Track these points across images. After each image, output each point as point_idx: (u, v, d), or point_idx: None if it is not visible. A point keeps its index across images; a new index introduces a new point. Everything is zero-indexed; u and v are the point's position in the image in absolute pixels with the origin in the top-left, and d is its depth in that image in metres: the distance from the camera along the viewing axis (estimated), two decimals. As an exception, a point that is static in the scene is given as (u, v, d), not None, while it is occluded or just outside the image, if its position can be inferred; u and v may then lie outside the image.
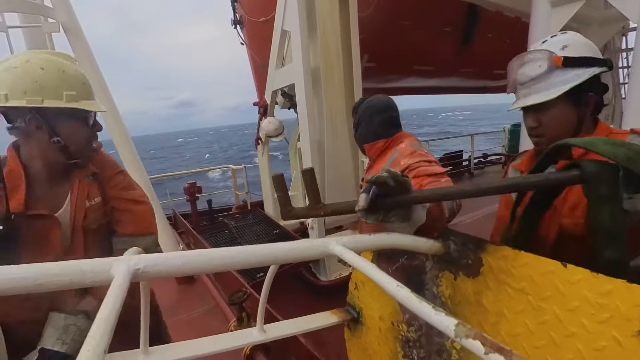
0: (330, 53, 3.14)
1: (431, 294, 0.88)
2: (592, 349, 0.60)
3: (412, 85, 7.69)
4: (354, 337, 1.09)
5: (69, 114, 1.14)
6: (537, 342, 0.68)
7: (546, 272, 0.68)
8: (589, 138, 0.89)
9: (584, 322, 0.61)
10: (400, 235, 0.83)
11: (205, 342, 0.81)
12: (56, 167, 1.22)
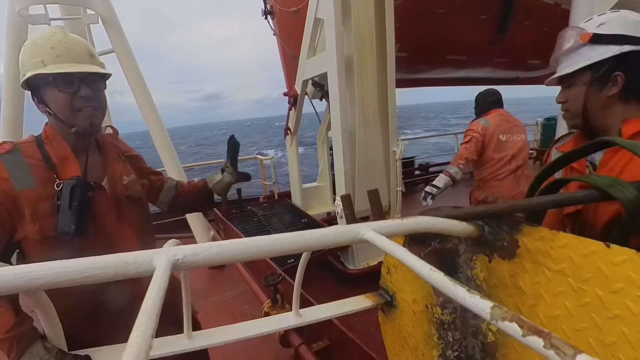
0: (364, 41, 3.11)
1: (465, 277, 0.88)
2: (638, 331, 0.59)
3: (443, 77, 7.51)
4: (388, 320, 1.11)
5: (44, 82, 1.13)
6: (578, 324, 0.67)
7: (587, 253, 0.66)
8: (633, 141, 0.90)
9: (629, 304, 0.60)
10: (432, 218, 0.82)
11: (245, 326, 0.85)
12: (75, 138, 1.23)
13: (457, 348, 0.90)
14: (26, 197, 1.07)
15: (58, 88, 1.12)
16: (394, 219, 0.80)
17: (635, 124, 1.19)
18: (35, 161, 1.13)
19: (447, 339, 0.92)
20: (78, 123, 1.17)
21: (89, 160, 1.25)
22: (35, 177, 1.10)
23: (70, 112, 1.15)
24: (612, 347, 0.62)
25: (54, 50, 1.10)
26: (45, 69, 1.08)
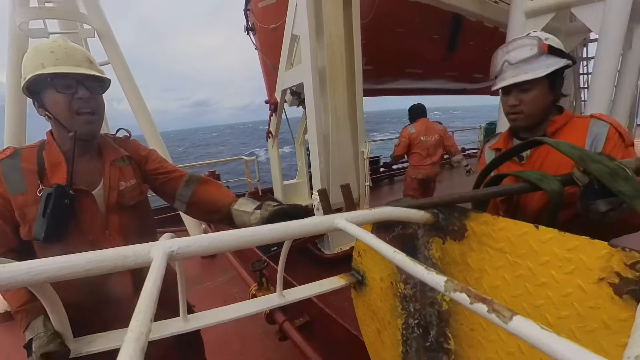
0: (335, 55, 3.11)
1: (423, 257, 0.89)
2: (560, 295, 0.62)
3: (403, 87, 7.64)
4: (359, 296, 1.11)
5: (42, 84, 1.01)
6: (514, 292, 0.70)
7: (521, 234, 0.69)
8: (557, 140, 0.97)
9: (553, 273, 0.63)
10: (395, 208, 0.84)
11: (235, 307, 0.84)
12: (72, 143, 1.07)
13: (418, 316, 0.91)
14: (16, 201, 1.00)
15: (56, 89, 1.01)
16: (363, 210, 0.80)
17: (556, 124, 1.25)
18: (30, 166, 1.03)
19: (409, 309, 0.93)
20: (77, 127, 1.05)
21: (87, 165, 1.13)
22: (27, 183, 1.01)
23: (69, 114, 1.03)
24: (540, 309, 0.65)
25: (54, 54, 1.00)
26: (44, 70, 0.98)
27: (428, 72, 6.75)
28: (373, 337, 1.09)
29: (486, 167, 1.19)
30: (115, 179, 1.15)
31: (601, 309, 0.57)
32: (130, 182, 1.19)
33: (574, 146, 0.91)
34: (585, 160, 0.83)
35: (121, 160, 1.19)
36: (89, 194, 1.09)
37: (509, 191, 1.00)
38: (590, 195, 0.84)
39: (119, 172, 1.17)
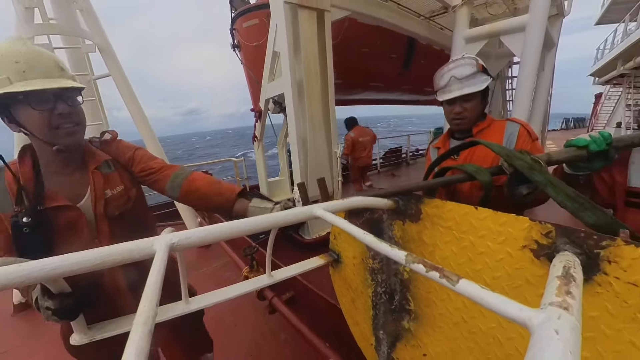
0: (311, 70, 3.08)
1: (388, 237, 0.91)
2: (494, 260, 0.65)
3: (368, 98, 7.72)
4: (336, 272, 1.12)
5: (13, 100, 0.79)
6: (459, 260, 0.73)
7: (464, 214, 0.71)
8: (491, 142, 1.01)
9: (489, 244, 0.66)
10: (363, 197, 0.85)
11: (230, 289, 0.82)
12: (55, 157, 0.91)
13: (384, 285, 0.93)
14: (7, 218, 0.84)
15: (32, 106, 0.80)
16: (337, 200, 0.80)
17: (480, 126, 1.33)
18: (12, 185, 0.86)
19: (377, 280, 0.95)
20: (59, 141, 0.87)
21: (72, 177, 0.96)
22: (12, 203, 0.85)
23: (48, 130, 0.84)
24: (479, 272, 0.68)
25: (19, 65, 0.77)
26: (12, 87, 0.76)
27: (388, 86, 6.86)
28: (348, 305, 1.10)
29: (434, 162, 1.24)
30: (100, 187, 0.98)
31: (524, 269, 0.60)
32: (117, 189, 1.02)
33: (502, 147, 0.96)
34: (511, 157, 0.87)
35: (105, 166, 1.02)
36: (72, 207, 0.92)
37: (454, 180, 1.04)
38: (514, 182, 0.90)
39: (104, 180, 0.99)
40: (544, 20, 3.47)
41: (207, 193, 1.10)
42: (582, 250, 0.52)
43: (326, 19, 3.13)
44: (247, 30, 4.87)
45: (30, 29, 2.67)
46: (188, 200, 1.13)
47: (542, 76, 4.06)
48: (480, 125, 1.33)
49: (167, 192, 1.10)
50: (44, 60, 0.83)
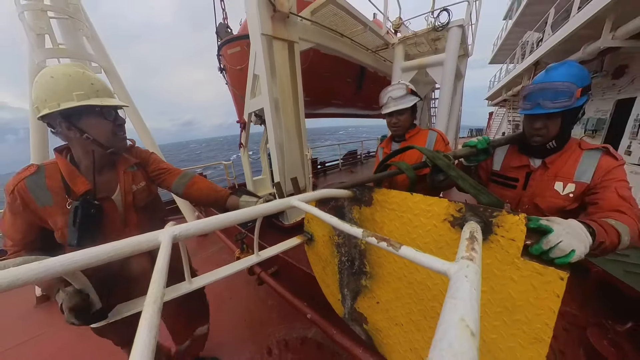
0: (285, 90, 3.01)
1: (348, 219, 0.91)
2: (425, 231, 0.68)
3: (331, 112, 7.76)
4: (310, 248, 1.12)
5: (87, 112, 0.80)
6: (401, 232, 0.75)
7: (403, 198, 0.73)
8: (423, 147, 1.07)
9: (421, 219, 0.69)
10: (329, 189, 0.85)
11: (225, 268, 0.79)
12: (100, 158, 0.89)
13: (347, 255, 0.94)
14: (47, 212, 0.80)
15: (104, 117, 0.83)
16: (309, 193, 0.80)
17: (410, 133, 1.44)
18: (54, 183, 0.82)
19: (341, 251, 0.96)
20: (116, 145, 0.89)
21: (107, 175, 0.92)
22: (53, 197, 0.81)
23: (111, 136, 0.86)
24: (415, 240, 0.71)
25: (94, 86, 0.81)
26: (90, 101, 0.78)
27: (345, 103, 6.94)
28: (320, 272, 1.10)
29: (382, 161, 1.27)
30: (128, 184, 0.96)
31: (445, 235, 0.64)
32: (140, 184, 1.00)
33: (430, 150, 1.02)
34: (435, 158, 0.94)
35: (131, 167, 1.00)
36: (110, 199, 0.91)
37: (393, 174, 1.08)
38: (435, 173, 0.97)
39: (131, 178, 0.98)
40: (455, 59, 3.70)
41: (206, 192, 1.10)
42: (482, 219, 0.57)
43: (296, 49, 3.07)
44: (232, 56, 4.66)
45: (42, 53, 2.38)
46: (189, 196, 1.10)
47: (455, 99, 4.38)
48: (411, 132, 1.43)
49: (173, 189, 1.09)
50: (105, 85, 0.86)
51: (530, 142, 0.96)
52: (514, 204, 1.04)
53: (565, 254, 0.51)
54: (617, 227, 0.67)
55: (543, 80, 0.88)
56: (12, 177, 0.80)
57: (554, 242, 0.52)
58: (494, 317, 0.57)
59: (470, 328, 0.23)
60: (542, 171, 0.97)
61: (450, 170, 0.88)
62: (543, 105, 0.86)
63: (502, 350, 0.57)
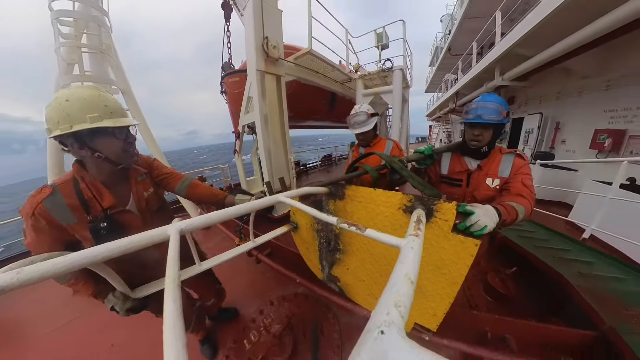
0: (273, 107, 2.94)
1: (326, 210, 0.90)
2: (384, 217, 0.70)
3: (311, 124, 7.74)
4: (296, 234, 1.09)
5: (99, 132, 0.70)
6: (367, 218, 0.75)
7: (368, 193, 0.74)
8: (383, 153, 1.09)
9: (382, 208, 0.70)
10: (310, 187, 0.84)
11: (228, 253, 0.76)
12: (113, 174, 0.79)
13: (325, 238, 0.93)
14: (72, 228, 0.71)
15: (116, 136, 0.73)
16: (293, 190, 0.79)
17: (373, 142, 1.46)
18: (72, 201, 0.71)
19: (320, 235, 0.95)
20: (126, 161, 0.79)
21: (122, 187, 0.84)
22: (75, 215, 0.71)
23: (121, 153, 0.76)
24: (377, 224, 0.72)
25: (108, 108, 0.71)
26: (102, 123, 0.68)
27: (322, 118, 6.96)
28: (305, 252, 1.10)
29: (351, 163, 1.29)
30: (141, 192, 0.88)
31: (399, 220, 0.66)
32: (149, 190, 0.91)
33: (387, 156, 1.05)
34: (391, 162, 0.98)
35: (141, 175, 0.91)
36: (125, 210, 0.82)
37: (360, 174, 1.11)
38: (392, 173, 1.01)
39: (142, 186, 0.89)
40: (400, 89, 3.93)
41: (205, 193, 1.04)
42: (426, 207, 0.61)
43: (282, 81, 3.08)
44: (232, 83, 4.63)
45: (69, 78, 2.24)
46: (191, 197, 1.04)
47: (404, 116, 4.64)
48: (374, 141, 1.48)
49: (177, 191, 1.02)
50: (118, 105, 0.76)
51: (469, 145, 0.98)
52: (460, 198, 1.06)
53: (481, 228, 0.59)
54: (517, 208, 0.76)
55: (483, 100, 0.93)
56: (27, 200, 0.69)
57: (474, 221, 0.59)
58: (428, 271, 0.62)
59: (411, 279, 0.27)
60: (478, 172, 1.01)
61: (403, 171, 0.92)
62: (482, 117, 0.91)
63: (429, 290, 0.64)
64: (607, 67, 3.16)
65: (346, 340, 1.19)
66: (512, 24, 3.49)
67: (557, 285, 1.02)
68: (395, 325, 0.21)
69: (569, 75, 3.89)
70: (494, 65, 4.31)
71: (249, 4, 2.52)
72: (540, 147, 4.59)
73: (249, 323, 1.40)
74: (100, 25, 2.42)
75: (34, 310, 1.81)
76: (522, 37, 3.01)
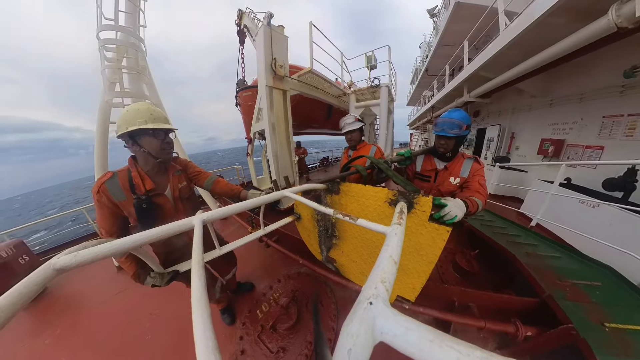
0: (279, 117, 2.92)
1: (324, 203, 0.90)
2: (372, 208, 0.70)
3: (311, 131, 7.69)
4: (299, 224, 1.09)
5: (144, 133, 0.79)
6: (358, 210, 0.74)
7: (360, 189, 0.74)
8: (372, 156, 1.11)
9: (371, 202, 0.70)
10: (310, 184, 0.84)
11: (242, 239, 0.76)
12: (155, 166, 0.86)
13: (323, 226, 0.92)
14: (122, 205, 0.79)
15: (155, 136, 0.81)
16: (296, 187, 0.79)
17: (360, 145, 1.46)
18: (125, 183, 0.80)
19: (320, 224, 0.94)
20: (163, 156, 0.85)
21: (161, 177, 0.90)
22: (125, 194, 0.79)
23: (160, 150, 0.83)
24: (367, 215, 0.71)
25: (152, 115, 0.80)
26: (148, 125, 0.78)
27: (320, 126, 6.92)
28: (307, 238, 1.09)
29: (345, 164, 1.28)
30: (175, 183, 0.93)
31: (385, 211, 0.66)
32: (183, 183, 0.96)
33: (374, 158, 1.07)
34: (378, 163, 0.98)
35: (177, 171, 0.96)
36: (163, 194, 0.89)
37: (352, 173, 1.10)
38: (379, 172, 1.01)
39: (177, 179, 0.95)
40: (386, 102, 3.92)
41: (225, 189, 1.09)
42: (407, 200, 0.61)
43: (287, 95, 3.07)
44: (245, 97, 4.64)
45: (112, 94, 2.31)
46: (214, 192, 1.08)
47: (389, 125, 4.65)
48: (360, 145, 1.48)
49: (204, 186, 1.07)
50: (161, 115, 0.84)
51: (437, 151, 1.05)
52: (428, 190, 1.12)
53: (452, 217, 0.60)
54: (477, 201, 0.81)
55: (448, 117, 0.98)
56: (96, 181, 0.80)
57: (447, 212, 0.60)
58: (409, 253, 0.63)
59: (394, 260, 0.28)
60: (444, 171, 1.07)
61: (388, 171, 0.94)
62: (446, 130, 0.97)
63: (409, 268, 0.64)
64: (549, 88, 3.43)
65: (341, 309, 1.21)
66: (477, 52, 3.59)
67: (510, 263, 1.07)
68: (381, 297, 0.21)
69: (521, 94, 4.11)
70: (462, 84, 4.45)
71: (260, 31, 2.58)
72: (499, 152, 4.81)
73: (260, 297, 1.41)
74: (137, 50, 2.54)
75: (87, 285, 1.86)
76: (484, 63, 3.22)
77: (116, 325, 1.35)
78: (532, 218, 2.06)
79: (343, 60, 4.30)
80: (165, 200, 0.89)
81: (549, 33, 2.06)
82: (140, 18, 2.64)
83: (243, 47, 4.69)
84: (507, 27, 2.52)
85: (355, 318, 0.19)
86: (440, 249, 0.57)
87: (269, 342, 1.09)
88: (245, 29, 3.98)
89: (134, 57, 2.52)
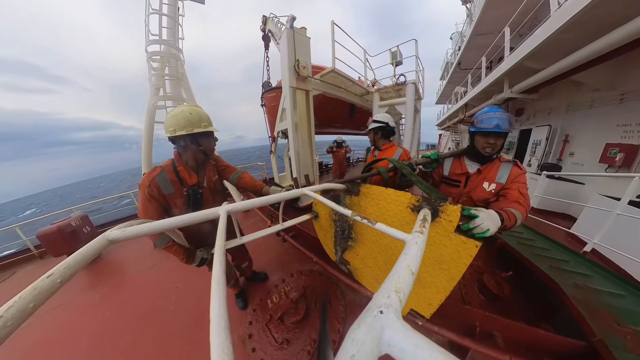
0: (302, 116, 3.00)
1: (343, 204, 0.89)
2: (393, 213, 0.67)
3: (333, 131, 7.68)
4: (317, 223, 1.10)
5: (204, 134, 0.89)
6: (378, 213, 0.73)
7: (381, 192, 0.72)
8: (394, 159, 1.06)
9: (392, 205, 0.68)
10: (330, 184, 0.84)
11: (261, 232, 0.79)
12: (198, 162, 0.97)
13: (340, 227, 0.92)
14: (170, 197, 0.88)
15: (212, 137, 0.94)
16: (316, 185, 0.79)
17: (384, 146, 1.38)
18: (173, 177, 0.89)
19: (337, 224, 0.94)
20: (212, 154, 0.99)
21: (200, 172, 1.00)
22: (174, 187, 0.89)
23: (212, 149, 0.95)
24: (387, 219, 0.69)
25: (209, 120, 0.90)
26: (210, 128, 0.89)
27: (343, 126, 6.85)
28: (323, 237, 1.10)
29: (366, 165, 1.25)
30: (210, 176, 1.03)
31: (407, 217, 0.63)
32: (216, 177, 1.06)
33: (398, 161, 1.01)
34: (402, 167, 0.93)
35: (212, 166, 1.06)
36: (203, 186, 0.99)
37: (373, 175, 1.07)
38: (401, 176, 0.96)
39: (212, 173, 1.04)
40: (413, 101, 3.67)
41: (250, 183, 1.15)
42: (432, 207, 0.57)
43: (310, 95, 3.12)
44: (269, 98, 4.89)
45: (157, 98, 2.80)
46: (239, 186, 1.15)
47: (415, 125, 4.31)
48: (385, 145, 1.40)
49: (231, 180, 1.14)
50: (210, 118, 0.91)
51: (482, 152, 0.90)
52: (457, 197, 1.02)
53: (483, 231, 0.54)
54: (516, 214, 0.70)
55: (499, 111, 0.85)
56: (145, 175, 0.88)
57: (477, 224, 0.54)
58: (429, 265, 0.59)
59: (412, 270, 0.27)
60: (477, 175, 0.95)
61: (412, 177, 0.88)
62: (501, 126, 0.83)
63: (428, 282, 0.60)
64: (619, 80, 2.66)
65: (350, 313, 1.19)
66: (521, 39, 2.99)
67: (552, 293, 0.91)
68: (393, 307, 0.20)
69: (579, 88, 3.31)
70: (503, 78, 3.80)
71: (284, 35, 2.69)
72: (547, 158, 3.99)
73: (272, 288, 1.47)
74: (177, 60, 3.04)
75: (130, 256, 2.18)
76: (530, 51, 2.65)
77: (148, 292, 1.55)
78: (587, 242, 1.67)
79: (366, 58, 4.13)
80: (206, 191, 0.99)
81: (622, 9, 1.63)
82: (179, 31, 3.13)
83: (268, 50, 4.93)
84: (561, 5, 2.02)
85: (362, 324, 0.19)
86: (465, 265, 0.52)
87: (275, 332, 1.11)
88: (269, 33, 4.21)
89: (174, 66, 3.00)
